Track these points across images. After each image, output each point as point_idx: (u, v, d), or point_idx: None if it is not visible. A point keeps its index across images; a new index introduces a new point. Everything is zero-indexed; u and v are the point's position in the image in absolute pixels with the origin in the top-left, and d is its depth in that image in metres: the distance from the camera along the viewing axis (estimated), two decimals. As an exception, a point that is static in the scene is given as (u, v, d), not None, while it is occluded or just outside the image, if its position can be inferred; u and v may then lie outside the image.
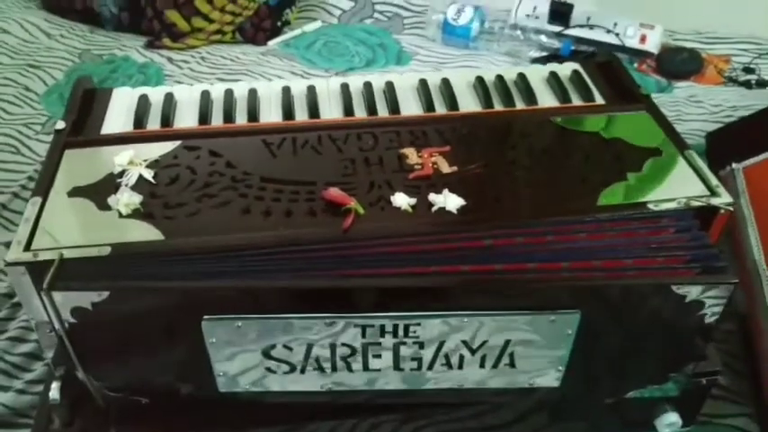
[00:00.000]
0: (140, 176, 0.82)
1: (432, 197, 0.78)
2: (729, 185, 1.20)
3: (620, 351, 0.78)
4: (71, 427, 0.83)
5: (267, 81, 1.04)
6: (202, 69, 1.64)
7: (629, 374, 0.81)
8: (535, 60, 1.70)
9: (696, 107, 1.52)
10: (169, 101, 0.97)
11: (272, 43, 1.78)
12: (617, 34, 1.71)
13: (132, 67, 1.63)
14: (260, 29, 1.78)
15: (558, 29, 1.74)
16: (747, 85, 1.62)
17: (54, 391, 0.79)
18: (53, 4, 1.82)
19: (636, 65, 1.71)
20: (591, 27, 1.73)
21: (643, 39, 1.70)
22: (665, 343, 0.77)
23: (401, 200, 0.78)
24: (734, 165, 1.21)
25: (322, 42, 1.78)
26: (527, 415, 0.95)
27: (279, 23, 1.82)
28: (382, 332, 0.73)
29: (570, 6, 1.73)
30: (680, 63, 1.68)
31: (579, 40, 1.74)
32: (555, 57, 1.68)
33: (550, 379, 0.79)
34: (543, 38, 1.73)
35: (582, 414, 0.93)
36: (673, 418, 0.86)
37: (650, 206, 0.78)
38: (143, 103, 0.96)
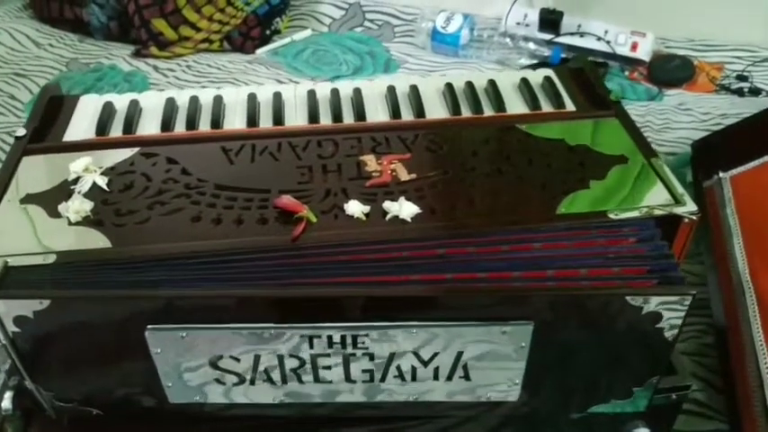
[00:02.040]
0: (94, 183, 0.81)
1: (386, 205, 0.77)
2: (716, 195, 1.18)
3: (578, 364, 0.76)
4: (24, 438, 0.82)
5: (235, 88, 1.03)
6: (188, 78, 1.63)
7: (590, 389, 0.78)
8: (525, 68, 1.67)
9: (685, 115, 1.49)
10: (134, 108, 0.96)
11: (260, 52, 1.78)
12: (608, 42, 1.69)
13: (118, 75, 1.63)
14: (248, 37, 1.78)
15: (548, 36, 1.73)
16: (740, 92, 1.60)
17: (6, 401, 0.78)
18: (44, 13, 1.83)
19: (627, 72, 1.69)
20: (581, 35, 1.71)
21: (634, 46, 1.68)
22: (626, 356, 0.75)
23: (354, 208, 0.76)
24: (720, 174, 1.18)
25: (311, 51, 1.78)
26: (494, 430, 0.92)
27: (268, 32, 1.82)
28: (330, 343, 0.71)
29: (560, 14, 1.71)
30: (671, 71, 1.66)
31: (570, 48, 1.72)
32: (545, 64, 1.66)
33: (508, 392, 0.77)
34: (532, 45, 1.71)
35: (549, 429, 0.91)
36: (643, 434, 0.84)
37: (611, 215, 0.75)
38: (107, 109, 0.96)
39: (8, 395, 0.78)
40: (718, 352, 1.03)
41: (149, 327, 0.70)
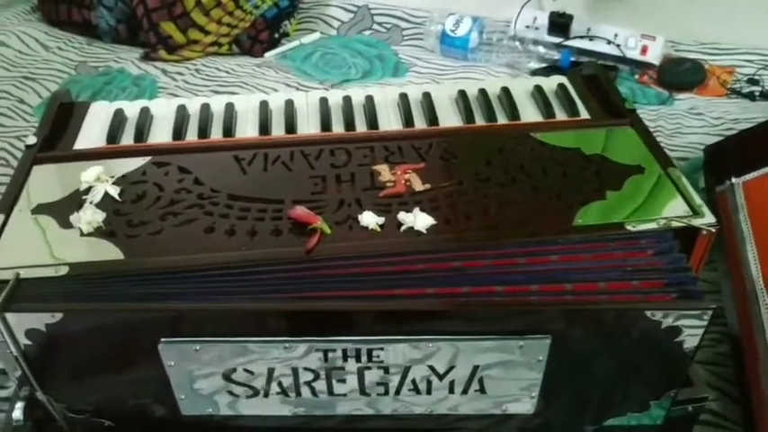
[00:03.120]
0: (106, 193, 0.80)
1: (401, 216, 0.76)
2: (728, 200, 1.17)
3: (595, 377, 0.75)
4: (35, 449, 0.81)
5: (247, 95, 1.02)
6: (197, 81, 1.63)
7: (607, 402, 0.77)
8: (534, 72, 1.67)
9: (696, 120, 1.48)
10: (145, 115, 0.95)
11: (268, 55, 1.77)
12: (618, 45, 1.67)
13: (127, 79, 1.63)
14: (257, 41, 1.77)
15: (557, 40, 1.72)
16: (751, 96, 1.58)
17: (17, 412, 0.78)
18: (52, 16, 1.82)
19: (637, 76, 1.68)
20: (591, 38, 1.70)
21: (644, 50, 1.67)
22: (643, 370, 0.74)
23: (369, 219, 0.76)
24: (733, 179, 1.17)
25: (319, 54, 1.77)
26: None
27: (277, 35, 1.81)
28: (345, 356, 0.71)
29: (570, 17, 1.70)
30: (682, 74, 1.64)
31: (579, 52, 1.71)
32: (554, 68, 1.65)
33: (524, 405, 0.76)
34: (542, 49, 1.70)
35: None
36: (659, 445, 0.83)
37: (628, 227, 0.75)
38: (118, 117, 0.95)
39: (19, 406, 0.78)
40: (733, 361, 1.02)
41: (163, 340, 0.70)
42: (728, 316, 1.06)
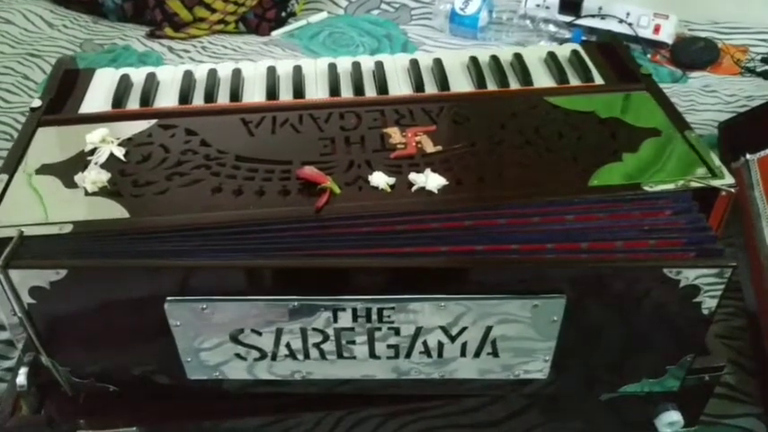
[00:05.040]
0: (111, 154, 0.79)
1: (412, 176, 0.74)
2: (743, 177, 1.15)
3: (611, 340, 0.73)
4: (39, 415, 0.80)
5: (254, 62, 1.00)
6: (202, 59, 1.61)
7: (623, 366, 0.76)
8: (545, 51, 1.64)
9: (710, 97, 1.46)
10: (151, 81, 0.94)
11: (275, 34, 1.75)
12: (630, 24, 1.65)
13: (132, 56, 1.61)
14: (264, 19, 1.76)
15: (568, 19, 1.70)
16: (765, 75, 1.56)
17: (21, 377, 0.76)
18: (58, -6, 1.81)
19: (649, 55, 1.65)
20: (603, 17, 1.68)
21: (657, 29, 1.65)
22: (660, 332, 0.72)
23: (379, 179, 0.74)
24: (748, 155, 1.16)
25: (327, 33, 1.75)
26: (519, 412, 0.90)
27: (283, 14, 1.79)
28: (355, 316, 0.69)
29: (582, -5, 1.68)
30: (695, 53, 1.62)
31: (591, 31, 1.69)
32: (565, 47, 1.63)
33: (537, 370, 0.74)
34: (552, 28, 1.68)
35: (577, 411, 0.88)
36: (674, 416, 0.81)
37: (645, 187, 0.73)
38: (124, 82, 0.94)
39: (23, 371, 0.76)
40: (750, 335, 1.00)
41: (169, 298, 0.68)
42: (745, 290, 1.04)
